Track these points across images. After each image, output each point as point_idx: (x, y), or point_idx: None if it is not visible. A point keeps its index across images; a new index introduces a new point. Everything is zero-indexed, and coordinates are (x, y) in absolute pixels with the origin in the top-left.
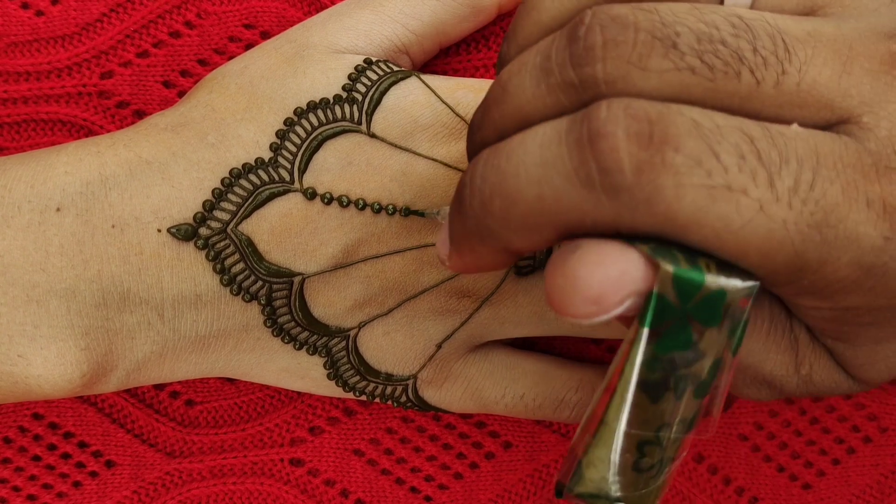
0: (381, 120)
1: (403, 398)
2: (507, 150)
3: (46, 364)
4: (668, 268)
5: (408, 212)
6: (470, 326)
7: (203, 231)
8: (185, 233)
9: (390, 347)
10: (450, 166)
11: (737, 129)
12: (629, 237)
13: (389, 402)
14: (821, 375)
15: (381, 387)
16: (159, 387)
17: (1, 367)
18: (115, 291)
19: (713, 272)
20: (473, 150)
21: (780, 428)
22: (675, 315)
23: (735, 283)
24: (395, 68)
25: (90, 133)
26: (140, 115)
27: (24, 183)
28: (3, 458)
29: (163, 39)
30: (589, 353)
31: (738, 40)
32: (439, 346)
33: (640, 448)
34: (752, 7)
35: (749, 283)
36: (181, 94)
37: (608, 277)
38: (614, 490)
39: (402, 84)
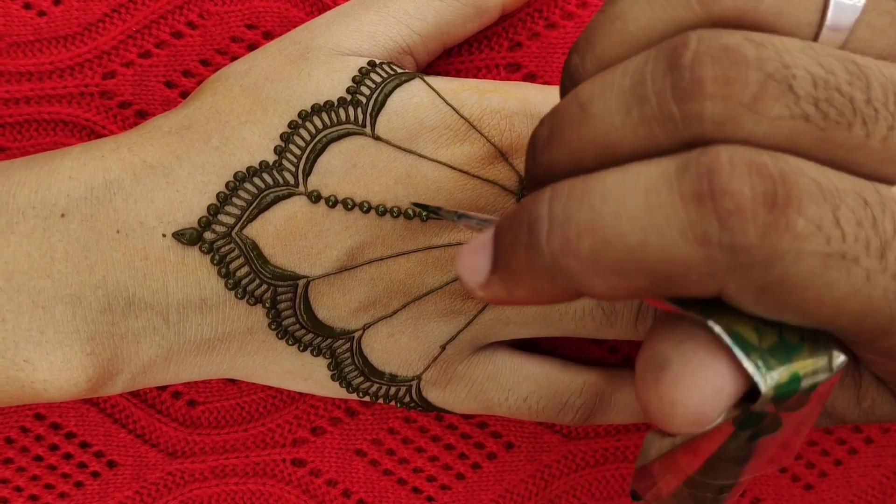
0: (386, 122)
1: (407, 399)
2: (602, 189)
3: (52, 369)
4: (769, 390)
5: (418, 208)
6: (474, 328)
7: (208, 235)
8: (189, 237)
9: (395, 349)
10: (455, 168)
11: (853, 192)
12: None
13: (393, 403)
14: (882, 408)
15: (384, 388)
16: (161, 387)
17: (7, 372)
18: (121, 296)
19: (804, 360)
20: (538, 171)
21: None
22: (770, 416)
23: (824, 372)
24: (400, 70)
25: (92, 133)
26: (142, 115)
27: (28, 188)
28: (4, 458)
29: (165, 39)
30: (592, 353)
31: (853, 88)
32: (443, 348)
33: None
34: (845, 46)
35: (836, 364)
36: (183, 95)
37: (704, 398)
38: None
39: (406, 86)
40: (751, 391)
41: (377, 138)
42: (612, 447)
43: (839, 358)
